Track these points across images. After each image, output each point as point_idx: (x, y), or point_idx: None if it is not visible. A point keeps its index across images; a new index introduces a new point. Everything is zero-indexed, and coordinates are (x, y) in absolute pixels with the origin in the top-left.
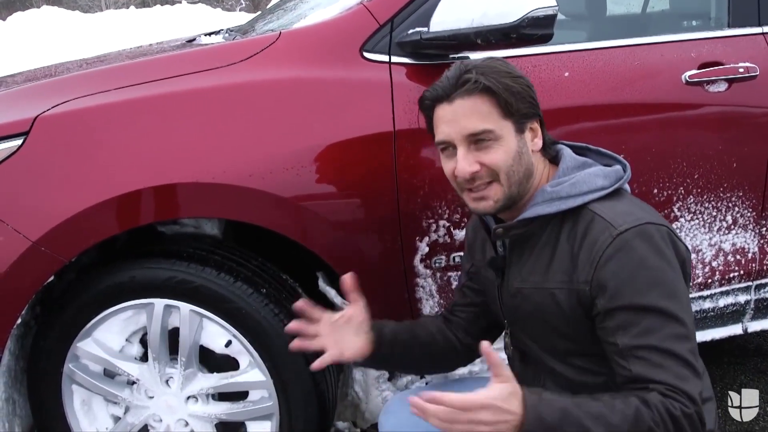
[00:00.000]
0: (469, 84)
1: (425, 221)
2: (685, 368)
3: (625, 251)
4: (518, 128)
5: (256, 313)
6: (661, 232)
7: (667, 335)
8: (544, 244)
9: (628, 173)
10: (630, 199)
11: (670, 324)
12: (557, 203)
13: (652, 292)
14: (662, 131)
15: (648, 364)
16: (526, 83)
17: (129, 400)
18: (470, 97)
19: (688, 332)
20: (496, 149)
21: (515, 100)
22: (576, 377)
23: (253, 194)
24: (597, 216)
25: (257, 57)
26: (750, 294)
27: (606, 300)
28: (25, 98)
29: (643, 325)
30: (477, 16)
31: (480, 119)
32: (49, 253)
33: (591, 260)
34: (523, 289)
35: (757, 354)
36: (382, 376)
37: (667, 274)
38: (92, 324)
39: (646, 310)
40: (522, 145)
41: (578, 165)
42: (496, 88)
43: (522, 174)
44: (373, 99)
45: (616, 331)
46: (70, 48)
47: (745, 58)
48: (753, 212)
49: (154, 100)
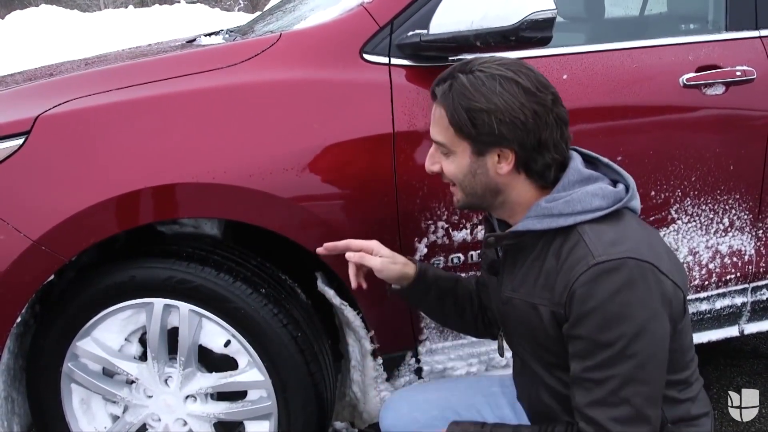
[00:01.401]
0: (439, 92)
1: (424, 222)
2: (626, 411)
3: (597, 283)
4: (476, 150)
5: (255, 313)
6: (642, 268)
7: (618, 375)
8: (536, 257)
9: (630, 194)
10: (626, 225)
11: (625, 363)
12: (548, 220)
13: (614, 328)
14: (660, 134)
15: (589, 397)
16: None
17: (128, 400)
18: (437, 105)
19: (645, 375)
20: (450, 161)
21: (472, 126)
22: (562, 390)
23: (252, 195)
24: (582, 240)
25: (258, 58)
26: (746, 296)
27: (569, 326)
28: (26, 98)
29: (596, 359)
30: (476, 19)
31: (438, 130)
32: (49, 252)
33: (566, 284)
34: (513, 299)
35: (754, 356)
36: (380, 376)
37: (635, 312)
38: (92, 323)
39: (602, 345)
40: (477, 167)
41: (582, 179)
42: (450, 110)
43: (479, 189)
44: (372, 101)
45: (573, 357)
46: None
47: (743, 61)
48: (750, 215)
49: (154, 100)
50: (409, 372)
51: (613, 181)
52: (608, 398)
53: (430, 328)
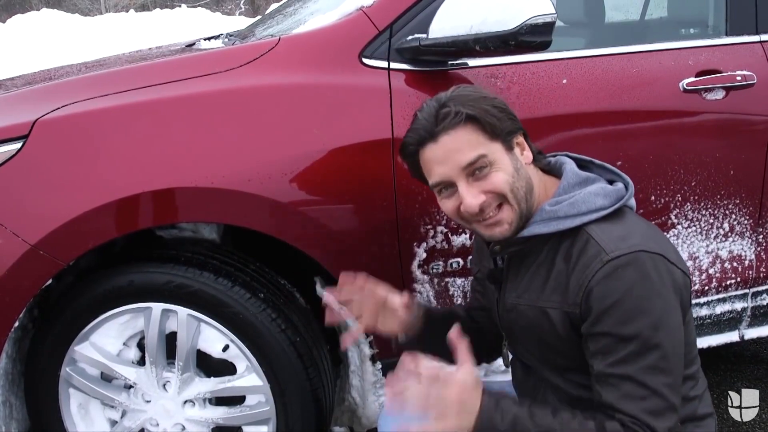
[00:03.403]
0: (450, 117)
1: (423, 227)
2: (657, 402)
3: (613, 278)
4: (507, 147)
5: (253, 318)
6: (654, 260)
7: (644, 367)
8: (542, 262)
9: (630, 191)
10: (629, 221)
11: (649, 355)
12: (554, 223)
13: (635, 321)
14: (660, 138)
15: (618, 393)
16: (501, 101)
17: (126, 404)
18: (455, 130)
19: (669, 365)
20: (495, 173)
21: (497, 120)
22: (573, 392)
23: (251, 199)
24: (592, 239)
25: (256, 62)
26: (747, 301)
27: (589, 324)
28: (25, 102)
29: (621, 353)
30: (476, 23)
31: (471, 148)
32: (47, 257)
33: (581, 284)
34: (519, 305)
35: (754, 361)
36: (379, 381)
37: (653, 304)
38: (90, 327)
39: (625, 339)
40: (515, 162)
41: (580, 181)
42: (477, 114)
43: (525, 188)
44: (371, 105)
45: (596, 355)
46: (70, 51)
47: (743, 66)
48: (750, 219)
49: (153, 104)
50: None
51: (608, 181)
52: (638, 391)
53: None
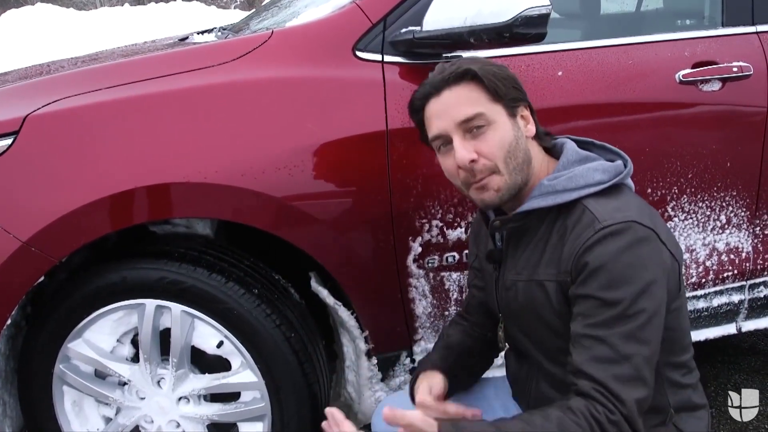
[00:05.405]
0: (455, 73)
1: (418, 221)
2: (627, 369)
3: (603, 244)
4: (510, 112)
5: (247, 314)
6: (646, 234)
7: (620, 332)
8: (540, 237)
9: (629, 168)
10: (627, 196)
11: (629, 322)
12: (552, 197)
13: (620, 287)
14: (656, 130)
15: (588, 354)
16: (509, 72)
17: (120, 401)
18: (458, 86)
19: (646, 336)
20: (491, 134)
21: (502, 84)
22: (565, 377)
23: (245, 194)
24: (587, 210)
25: (249, 56)
26: (744, 293)
27: (575, 286)
28: (16, 97)
29: (600, 317)
30: (470, 15)
31: (470, 105)
32: (39, 253)
33: (573, 251)
34: (518, 281)
35: (752, 353)
36: (374, 376)
37: (639, 273)
38: (83, 324)
39: (607, 303)
40: (516, 130)
41: (580, 159)
42: (482, 73)
43: (521, 159)
44: (365, 98)
45: (576, 317)
46: (65, 46)
47: (739, 57)
48: (747, 211)
49: (145, 99)
50: (404, 372)
51: (608, 160)
52: (610, 355)
53: (425, 328)
